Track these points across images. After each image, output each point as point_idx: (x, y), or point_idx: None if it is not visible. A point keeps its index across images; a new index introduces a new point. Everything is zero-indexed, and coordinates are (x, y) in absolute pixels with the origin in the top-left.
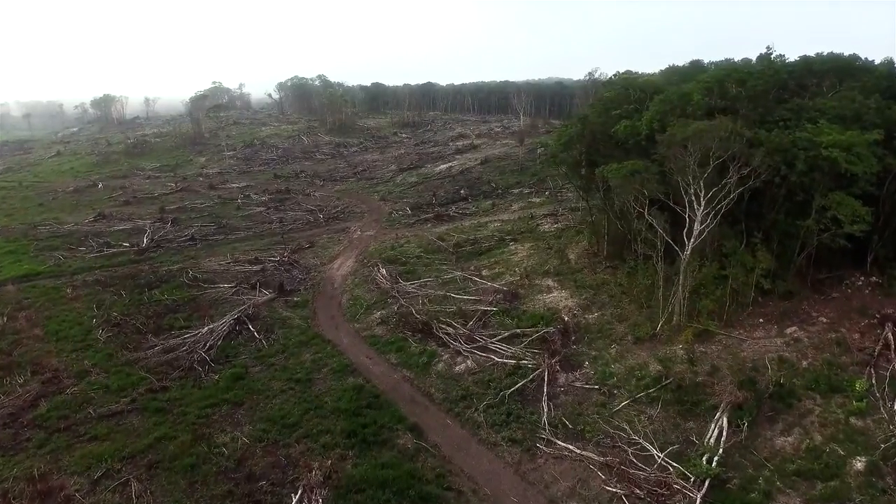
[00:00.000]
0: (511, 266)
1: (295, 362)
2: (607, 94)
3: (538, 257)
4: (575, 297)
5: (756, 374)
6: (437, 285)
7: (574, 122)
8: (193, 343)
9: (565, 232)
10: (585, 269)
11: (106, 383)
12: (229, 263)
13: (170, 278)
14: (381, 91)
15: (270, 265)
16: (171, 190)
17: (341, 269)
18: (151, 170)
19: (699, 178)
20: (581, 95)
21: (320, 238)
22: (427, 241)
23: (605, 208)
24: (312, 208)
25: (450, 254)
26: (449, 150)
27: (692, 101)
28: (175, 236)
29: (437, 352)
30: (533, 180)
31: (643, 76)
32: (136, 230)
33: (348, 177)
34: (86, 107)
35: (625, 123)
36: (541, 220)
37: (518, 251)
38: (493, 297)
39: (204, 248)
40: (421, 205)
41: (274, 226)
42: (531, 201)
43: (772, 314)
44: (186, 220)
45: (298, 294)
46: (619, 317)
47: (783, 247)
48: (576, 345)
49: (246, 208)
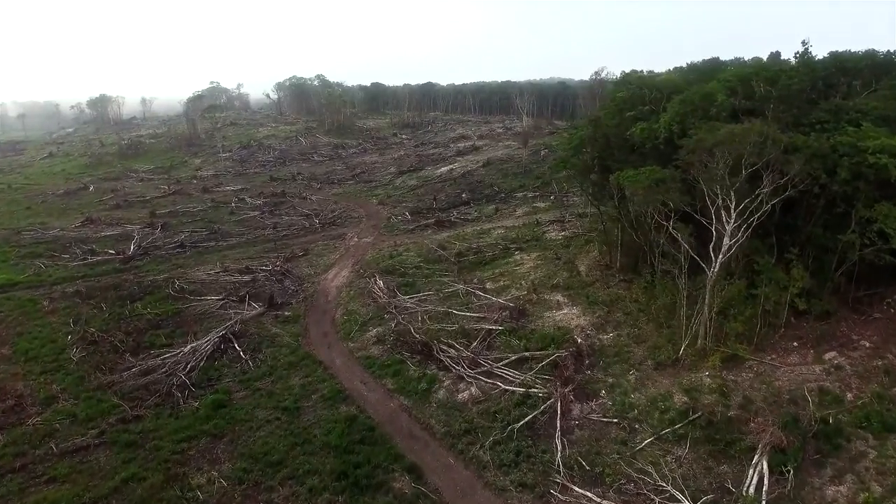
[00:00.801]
0: (517, 278)
1: (282, 387)
2: (620, 94)
3: (546, 269)
4: (587, 314)
5: (795, 408)
6: (438, 300)
7: (585, 124)
8: (174, 364)
9: (574, 240)
10: (597, 282)
11: (74, 412)
12: (218, 273)
13: (155, 289)
14: (381, 91)
15: (262, 275)
16: (164, 193)
17: (336, 280)
18: (145, 172)
19: (729, 187)
20: (586, 96)
21: (315, 245)
22: (427, 249)
23: (619, 217)
24: (308, 213)
25: (451, 264)
26: (450, 152)
27: (716, 101)
28: (164, 243)
29: (438, 376)
30: (537, 183)
31: (659, 75)
32: (124, 236)
33: (346, 179)
34: (82, 107)
35: (641, 126)
36: (547, 226)
37: (524, 261)
38: (499, 315)
39: (193, 255)
40: (421, 209)
41: (267, 232)
42: (536, 206)
43: (807, 337)
44: (177, 226)
45: (290, 308)
46: (636, 338)
47: (819, 262)
48: (590, 370)
49: (239, 212)
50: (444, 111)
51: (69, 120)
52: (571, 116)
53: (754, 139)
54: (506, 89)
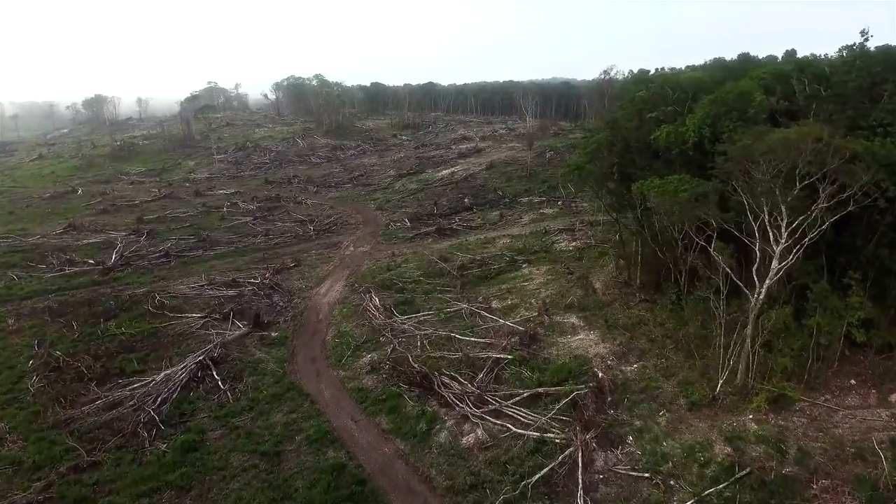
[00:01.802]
0: (526, 296)
1: (263, 425)
2: (641, 93)
3: (557, 285)
4: (607, 340)
5: (865, 466)
6: (440, 321)
7: (601, 127)
8: (143, 396)
9: (586, 252)
10: (616, 302)
11: (20, 457)
12: (203, 287)
13: (132, 305)
14: (381, 91)
15: (249, 289)
16: (154, 197)
17: (329, 295)
18: (136, 174)
19: (780, 202)
20: (594, 95)
21: (308, 255)
22: (427, 261)
23: (640, 230)
24: (303, 218)
25: (454, 278)
26: (451, 154)
27: (753, 101)
28: (148, 252)
29: (440, 414)
30: (543, 188)
31: (683, 72)
32: (107, 244)
33: (344, 182)
34: (77, 107)
35: (666, 129)
36: (556, 235)
37: (533, 276)
38: (507, 341)
39: (178, 266)
40: (421, 215)
41: (259, 240)
42: (543, 212)
43: (867, 374)
44: (164, 232)
45: (277, 327)
46: (664, 370)
47: (880, 287)
48: (614, 409)
49: (231, 218)
50: (445, 111)
51: (66, 120)
52: (576, 117)
53: (813, 146)
54: (508, 89)
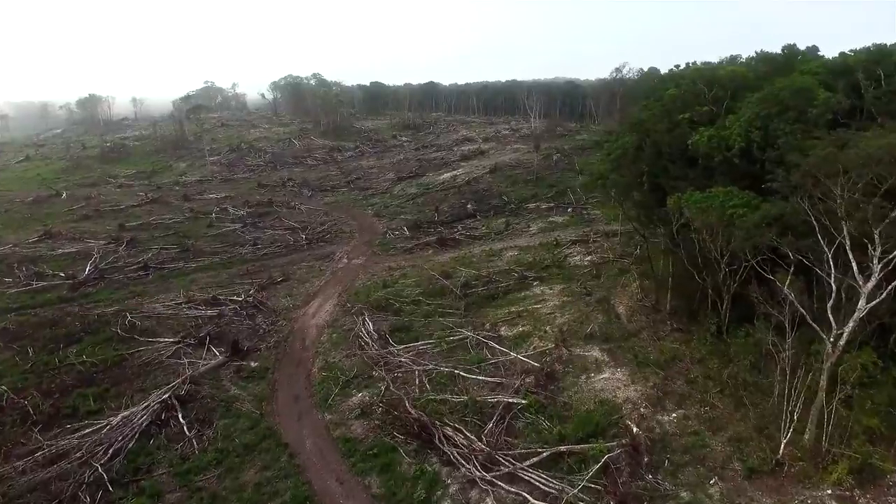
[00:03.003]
0: (539, 321)
1: (231, 486)
2: (671, 91)
3: (575, 309)
4: (638, 381)
5: None
6: (441, 352)
7: (626, 130)
8: (94, 445)
9: (605, 269)
10: (643, 331)
11: None
12: (180, 305)
13: (100, 327)
14: (381, 91)
15: (230, 309)
16: (140, 201)
17: (318, 317)
18: (125, 177)
19: (873, 227)
20: (604, 95)
21: (298, 267)
22: (428, 276)
23: (675, 249)
24: (295, 225)
25: (457, 298)
26: (454, 156)
27: (815, 99)
28: (125, 264)
29: (441, 476)
30: (551, 193)
31: (720, 66)
32: (83, 254)
33: (340, 186)
34: (71, 107)
35: (707, 132)
36: (568, 248)
37: (546, 297)
38: (521, 380)
39: (156, 280)
40: (421, 223)
41: (246, 250)
42: (552, 220)
43: None
44: (147, 241)
45: (257, 356)
46: (710, 422)
47: None
48: (653, 473)
49: (219, 225)
50: (446, 112)
51: (61, 121)
52: (581, 118)
53: None
54: (511, 89)
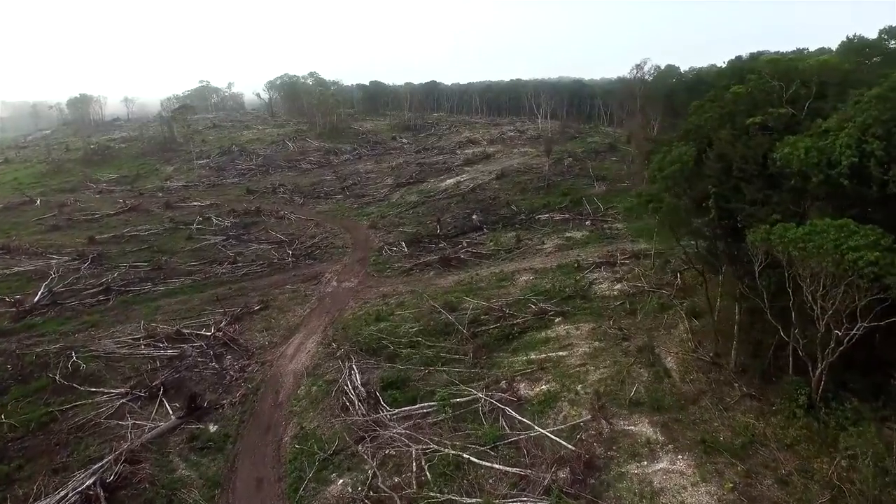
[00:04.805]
0: (568, 377)
1: None
2: (736, 89)
3: (611, 360)
4: (710, 477)
5: None
6: (445, 422)
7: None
8: None
9: (640, 302)
10: (704, 396)
11: None
12: (138, 340)
13: (35, 371)
14: (381, 91)
15: (195, 348)
16: (119, 209)
17: (297, 359)
18: (107, 182)
19: None
20: (620, 95)
21: (281, 291)
22: (428, 308)
23: (751, 294)
24: (282, 238)
25: (463, 339)
26: (457, 161)
27: None
28: (85, 285)
29: None
30: (564, 202)
31: (802, 57)
32: (40, 273)
33: (335, 193)
34: (61, 107)
35: (803, 144)
36: (592, 271)
37: (572, 339)
38: (550, 473)
39: (117, 306)
40: (421, 237)
41: (224, 269)
42: (570, 236)
43: None
44: (116, 257)
45: (218, 415)
46: None
47: None
48: None
49: (199, 237)
50: (448, 112)
51: (53, 121)
52: (589, 118)
53: None
54: (515, 88)
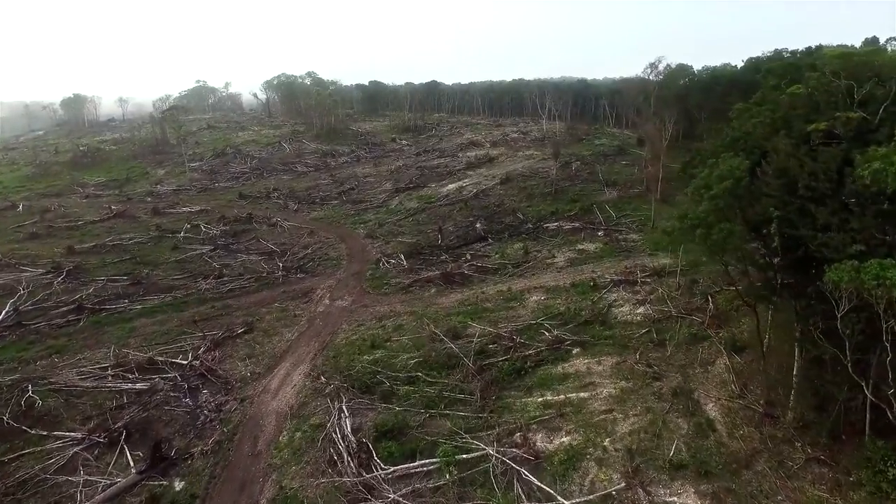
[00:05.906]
0: (592, 427)
1: None
2: (796, 89)
3: (641, 405)
4: None
5: None
6: (450, 490)
7: (729, 149)
8: None
9: (670, 333)
10: (759, 456)
11: None
12: (105, 371)
13: None
14: (381, 91)
15: (167, 380)
16: (104, 216)
17: (280, 395)
18: (95, 185)
19: None
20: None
21: (268, 310)
22: (429, 334)
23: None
24: (274, 249)
25: (468, 373)
26: (459, 164)
27: None
28: (56, 303)
29: None
30: (574, 209)
31: (879, 50)
32: (8, 289)
33: (331, 198)
34: (55, 108)
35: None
36: (610, 291)
37: (593, 377)
38: None
39: (87, 327)
40: (421, 248)
41: (208, 284)
42: (582, 248)
43: None
44: (94, 269)
45: (186, 468)
46: None
47: None
48: None
49: (186, 247)
50: (449, 112)
51: (47, 121)
52: (595, 119)
53: None
54: (518, 88)
